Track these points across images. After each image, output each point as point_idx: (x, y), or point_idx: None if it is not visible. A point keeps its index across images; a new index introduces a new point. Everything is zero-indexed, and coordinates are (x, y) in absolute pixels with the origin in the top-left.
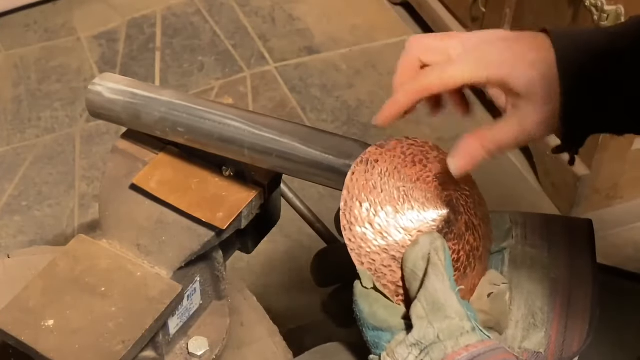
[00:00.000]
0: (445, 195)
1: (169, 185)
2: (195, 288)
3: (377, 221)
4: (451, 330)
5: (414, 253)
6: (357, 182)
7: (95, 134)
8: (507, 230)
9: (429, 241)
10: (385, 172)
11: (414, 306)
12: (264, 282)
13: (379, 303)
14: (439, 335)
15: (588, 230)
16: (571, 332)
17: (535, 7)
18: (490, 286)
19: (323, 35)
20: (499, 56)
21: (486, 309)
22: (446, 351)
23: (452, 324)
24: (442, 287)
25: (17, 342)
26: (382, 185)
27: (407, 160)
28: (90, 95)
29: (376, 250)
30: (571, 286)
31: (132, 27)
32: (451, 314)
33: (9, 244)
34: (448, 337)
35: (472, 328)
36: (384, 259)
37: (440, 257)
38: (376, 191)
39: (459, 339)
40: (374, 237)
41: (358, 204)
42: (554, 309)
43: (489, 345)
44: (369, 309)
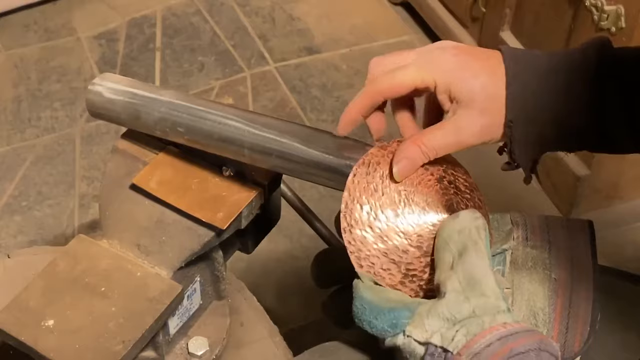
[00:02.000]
0: (446, 200)
1: (169, 185)
2: (195, 288)
3: (377, 225)
4: (487, 308)
5: (452, 225)
6: (359, 185)
7: (95, 134)
8: (508, 231)
9: (470, 218)
10: (386, 175)
11: (449, 278)
12: (264, 282)
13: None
14: (475, 311)
15: (589, 231)
16: (572, 333)
17: (535, 7)
18: None
19: (323, 35)
20: (446, 62)
21: None
22: (484, 326)
23: (488, 301)
24: (481, 264)
25: (17, 342)
26: (383, 188)
27: None
28: (90, 95)
29: (375, 254)
30: (572, 287)
31: (132, 27)
32: (487, 291)
33: (9, 244)
34: (485, 312)
35: (507, 308)
36: (383, 263)
37: (481, 235)
38: (377, 194)
39: (495, 316)
40: (374, 241)
41: (359, 207)
42: (555, 310)
43: (526, 327)
44: (378, 296)
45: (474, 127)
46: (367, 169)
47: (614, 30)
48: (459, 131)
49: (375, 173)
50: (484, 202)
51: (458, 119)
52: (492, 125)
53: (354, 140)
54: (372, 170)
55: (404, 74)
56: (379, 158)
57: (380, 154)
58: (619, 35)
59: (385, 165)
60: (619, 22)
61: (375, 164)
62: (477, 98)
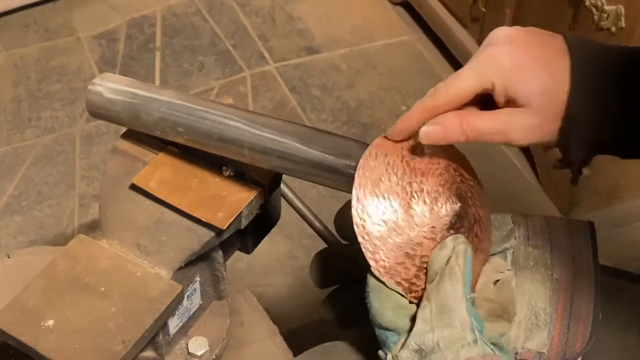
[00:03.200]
0: (456, 188)
1: (169, 185)
2: (195, 288)
3: (390, 217)
4: (451, 340)
5: (440, 256)
6: (368, 178)
7: (95, 134)
8: (510, 231)
9: (452, 244)
10: (394, 166)
11: (423, 307)
12: (264, 282)
13: (389, 302)
14: (439, 343)
15: (590, 232)
16: (574, 333)
17: (535, 7)
18: (496, 274)
19: (323, 35)
20: (503, 60)
21: (493, 297)
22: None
23: (453, 332)
24: (453, 292)
25: (17, 342)
26: (392, 180)
27: (416, 150)
28: (90, 95)
29: (390, 248)
30: (574, 287)
31: (132, 27)
32: (455, 322)
33: (9, 244)
34: (447, 346)
35: (474, 340)
36: (398, 257)
37: (460, 261)
38: (386, 185)
39: (459, 351)
40: (388, 235)
41: (370, 201)
42: (556, 310)
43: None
44: (379, 306)
45: (526, 123)
46: (375, 160)
47: (614, 30)
48: (510, 123)
49: (383, 165)
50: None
51: (512, 112)
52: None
53: (354, 141)
54: (380, 162)
55: (461, 82)
56: (385, 149)
57: (388, 144)
58: (619, 35)
59: (392, 156)
60: (619, 22)
61: (383, 155)
62: (535, 101)
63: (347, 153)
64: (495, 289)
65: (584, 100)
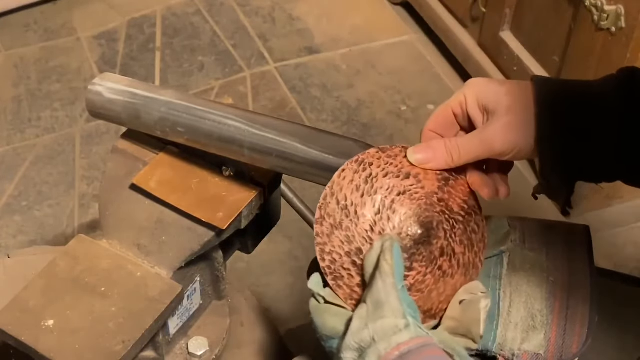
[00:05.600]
0: (426, 216)
1: (169, 185)
2: (195, 288)
3: (347, 224)
4: (385, 330)
5: (370, 258)
6: (344, 180)
7: (95, 134)
8: (505, 234)
9: (379, 244)
10: (373, 178)
11: (359, 308)
12: (264, 282)
13: (329, 312)
14: (374, 337)
15: (585, 236)
16: (570, 334)
17: (535, 7)
18: (465, 294)
19: (323, 35)
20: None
21: (456, 316)
22: (380, 353)
23: (385, 323)
24: (384, 286)
25: (17, 342)
26: (366, 189)
27: (403, 170)
28: (90, 95)
29: (339, 252)
30: (570, 289)
31: (132, 27)
32: (387, 312)
33: (9, 244)
34: (382, 337)
35: (405, 325)
36: (345, 262)
37: (387, 257)
38: (358, 194)
39: (391, 339)
40: (340, 239)
41: (335, 202)
42: (552, 312)
43: (419, 342)
44: (320, 320)
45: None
46: (358, 166)
47: (614, 30)
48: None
49: (364, 173)
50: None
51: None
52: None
53: (354, 141)
54: (362, 169)
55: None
56: (373, 159)
57: (376, 156)
58: (619, 35)
59: (377, 168)
60: (619, 22)
61: (368, 165)
62: (503, 101)
63: (347, 153)
64: (460, 308)
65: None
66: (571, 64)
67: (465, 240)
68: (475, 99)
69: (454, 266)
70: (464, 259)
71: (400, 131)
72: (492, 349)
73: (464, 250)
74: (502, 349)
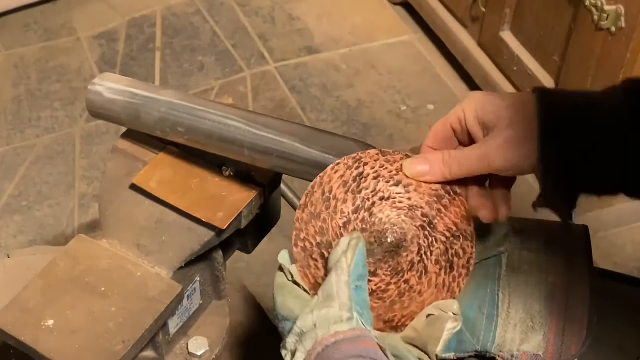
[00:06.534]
0: (401, 227)
1: (169, 185)
2: (195, 288)
3: (326, 217)
4: (327, 318)
5: (335, 253)
6: (335, 174)
7: (95, 134)
8: (504, 235)
9: (346, 241)
10: (363, 177)
11: (312, 299)
12: (264, 282)
13: (291, 295)
14: (316, 323)
15: (584, 236)
16: (569, 335)
17: (535, 7)
18: (435, 309)
19: (323, 35)
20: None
21: (418, 328)
22: (317, 338)
23: (329, 312)
24: (337, 281)
25: (18, 342)
26: (352, 187)
27: (395, 177)
28: (90, 95)
29: (312, 241)
30: (569, 290)
31: (132, 27)
32: (334, 304)
33: (9, 244)
34: (322, 324)
35: (348, 318)
36: (314, 252)
37: (348, 255)
38: (343, 190)
39: (331, 326)
40: (316, 229)
41: (321, 192)
42: (551, 313)
43: (356, 333)
44: (282, 299)
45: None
46: (352, 163)
47: (614, 30)
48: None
49: (356, 171)
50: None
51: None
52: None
53: (354, 141)
54: (355, 167)
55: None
56: (370, 160)
57: (375, 158)
58: (619, 35)
59: (370, 169)
60: (619, 22)
61: (363, 164)
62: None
63: (347, 153)
64: (424, 322)
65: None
66: (571, 64)
67: (444, 261)
68: (475, 114)
69: (424, 284)
70: (437, 279)
71: (400, 131)
72: (491, 350)
73: (439, 271)
74: (501, 350)
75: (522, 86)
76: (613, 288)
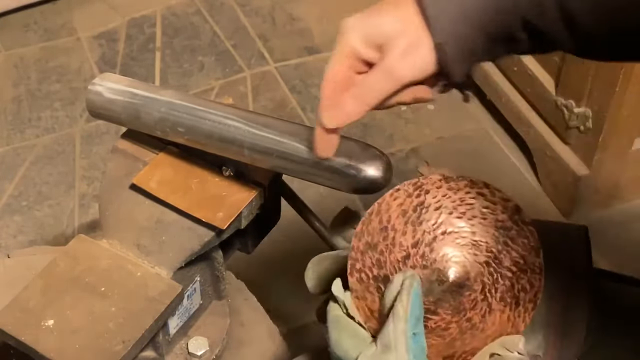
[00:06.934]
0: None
1: (169, 185)
2: (195, 288)
3: (383, 248)
4: None
5: (389, 293)
6: (394, 201)
7: (95, 134)
8: None
9: (399, 281)
10: (424, 208)
11: (369, 346)
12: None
13: (347, 331)
14: None
15: (584, 237)
16: (569, 336)
17: None
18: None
19: (323, 35)
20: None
21: None
22: None
23: None
24: (395, 331)
25: (17, 342)
26: (412, 217)
27: (459, 209)
28: (90, 95)
29: (368, 273)
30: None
31: (132, 27)
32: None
33: (9, 244)
34: None
35: None
36: (371, 285)
37: (403, 299)
38: (402, 220)
39: None
40: (372, 261)
41: (378, 220)
42: (551, 313)
43: None
44: (336, 335)
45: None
46: (413, 190)
47: None
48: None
49: (417, 199)
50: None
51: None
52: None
53: (354, 141)
54: (416, 195)
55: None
56: (432, 187)
57: (437, 185)
58: None
59: (432, 198)
60: None
61: (424, 192)
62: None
63: (347, 153)
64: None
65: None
66: (571, 64)
67: (509, 297)
68: (364, 43)
69: (487, 322)
70: (501, 316)
71: (400, 131)
72: None
73: (504, 308)
74: None
75: (522, 86)
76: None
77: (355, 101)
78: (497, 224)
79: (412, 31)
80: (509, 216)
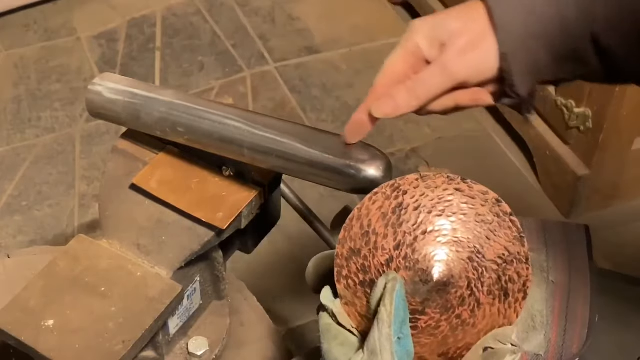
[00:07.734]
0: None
1: (169, 185)
2: (195, 288)
3: (366, 253)
4: None
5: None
6: (373, 205)
7: (95, 134)
8: None
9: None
10: (403, 209)
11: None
12: (264, 282)
13: (337, 340)
14: None
15: (585, 235)
16: (570, 335)
17: None
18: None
19: (323, 35)
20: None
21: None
22: None
23: None
24: (380, 336)
25: (17, 342)
26: (392, 220)
27: (437, 207)
28: (90, 95)
29: (354, 279)
30: (570, 289)
31: (132, 27)
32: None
33: (9, 244)
34: None
35: None
36: (358, 291)
37: (386, 302)
38: (383, 223)
39: None
40: (357, 266)
41: (359, 226)
42: (552, 312)
43: None
44: (327, 345)
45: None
46: (391, 192)
47: None
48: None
49: (395, 201)
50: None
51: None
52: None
53: None
54: (394, 197)
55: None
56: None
57: (414, 185)
58: None
59: (411, 199)
60: None
61: (402, 192)
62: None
63: (347, 153)
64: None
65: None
66: None
67: (497, 290)
68: (429, 40)
69: (477, 316)
70: (491, 309)
71: (400, 131)
72: None
73: (493, 301)
74: None
75: None
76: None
77: (407, 94)
78: (477, 218)
79: (476, 30)
80: (489, 209)
